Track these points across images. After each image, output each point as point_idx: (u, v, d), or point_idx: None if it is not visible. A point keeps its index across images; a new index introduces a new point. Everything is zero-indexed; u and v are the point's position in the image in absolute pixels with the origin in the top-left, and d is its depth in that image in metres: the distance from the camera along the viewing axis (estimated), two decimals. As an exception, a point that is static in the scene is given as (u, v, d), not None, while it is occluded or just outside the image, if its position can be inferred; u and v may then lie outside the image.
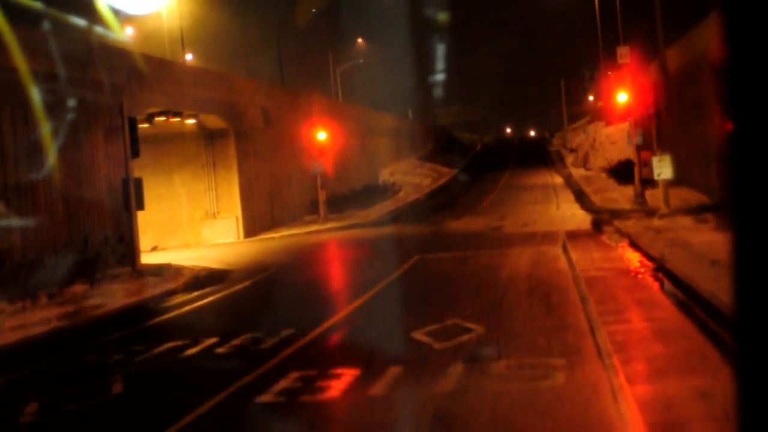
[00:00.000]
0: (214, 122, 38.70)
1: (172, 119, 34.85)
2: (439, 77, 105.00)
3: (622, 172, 44.96)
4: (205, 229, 39.62)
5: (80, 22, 33.85)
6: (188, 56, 62.84)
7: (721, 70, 2.27)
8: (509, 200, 44.78)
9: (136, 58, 30.11)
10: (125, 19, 50.18)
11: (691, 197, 33.56)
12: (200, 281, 23.08)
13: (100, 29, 31.94)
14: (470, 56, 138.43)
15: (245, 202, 39.87)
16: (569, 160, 71.90)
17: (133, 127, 25.63)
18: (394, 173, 67.96)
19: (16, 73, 21.38)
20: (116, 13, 40.29)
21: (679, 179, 32.92)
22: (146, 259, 29.45)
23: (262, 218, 41.62)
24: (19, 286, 20.34)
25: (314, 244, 32.69)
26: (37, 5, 25.86)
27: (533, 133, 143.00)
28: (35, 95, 23.99)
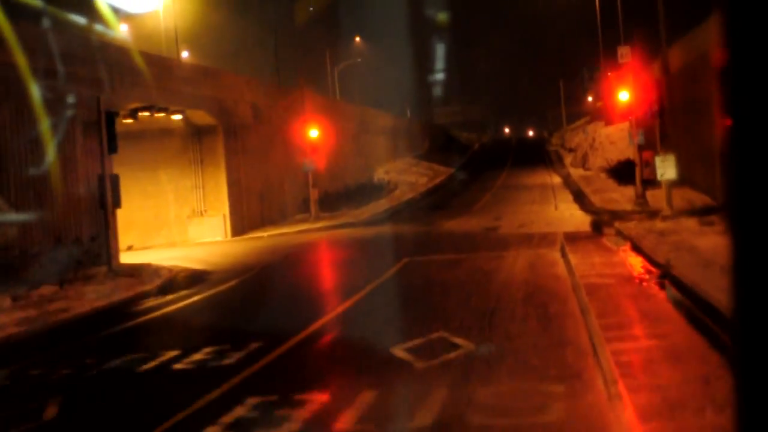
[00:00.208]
0: (201, 118, 37.44)
1: (156, 115, 33.62)
2: (438, 76, 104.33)
3: (622, 172, 44.11)
4: (191, 227, 38.38)
5: (79, 19, 32.82)
6: (184, 54, 61.59)
7: (721, 70, 2.25)
8: (506, 200, 43.61)
9: (116, 50, 28.87)
10: (124, 17, 48.97)
11: (694, 198, 32.36)
12: (178, 283, 21.87)
13: (99, 27, 30.87)
14: (469, 56, 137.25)
15: (233, 200, 38.61)
16: (568, 159, 70.95)
17: (110, 121, 24.36)
18: (389, 172, 66.96)
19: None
20: (115, 11, 39.51)
21: (680, 180, 31.74)
22: (126, 258, 28.29)
23: (251, 217, 40.36)
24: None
25: (302, 244, 31.43)
26: (36, 2, 24.82)
27: (532, 133, 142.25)
28: (8, 86, 22.76)
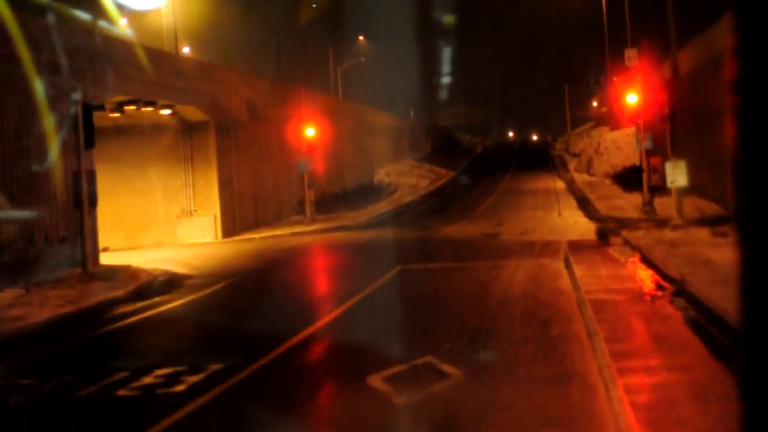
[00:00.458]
0: (193, 114, 35.95)
1: (144, 109, 32.08)
2: (442, 78, 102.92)
3: (628, 178, 43.01)
4: (180, 227, 36.87)
5: (84, 16, 31.55)
6: (185, 50, 60.25)
7: (733, 78, 2.16)
8: (508, 205, 42.16)
9: (100, 40, 27.41)
10: (129, 14, 47.55)
11: (704, 207, 30.92)
12: (153, 288, 20.41)
13: (103, 23, 29.52)
14: (474, 59, 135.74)
15: (224, 199, 37.12)
16: (572, 164, 69.67)
17: (87, 114, 22.89)
18: (390, 174, 65.71)
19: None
20: (119, 7, 38.22)
21: (689, 188, 30.31)
22: (109, 259, 26.85)
23: (243, 217, 38.89)
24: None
25: (293, 247, 29.94)
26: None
27: (536, 137, 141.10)
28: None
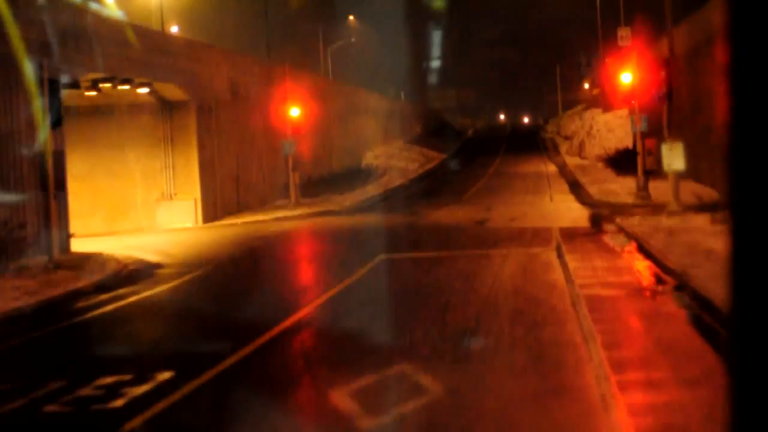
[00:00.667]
0: (172, 93, 34.55)
1: (120, 87, 30.76)
2: (433, 60, 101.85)
3: (620, 161, 42.05)
4: (160, 211, 35.53)
5: None
6: (173, 29, 58.82)
7: (726, 61, 2.03)
8: (498, 189, 41.04)
9: (71, 12, 26.05)
10: None
11: (700, 192, 29.83)
12: (121, 278, 19.18)
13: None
14: (466, 41, 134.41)
15: (205, 182, 35.79)
16: (563, 148, 68.78)
17: (54, 90, 21.59)
18: (378, 156, 64.61)
19: None
20: None
21: (685, 172, 29.22)
22: (81, 246, 25.55)
23: (226, 201, 37.61)
24: None
25: (273, 234, 28.73)
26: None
27: (527, 120, 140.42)
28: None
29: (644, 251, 18.37)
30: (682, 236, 19.56)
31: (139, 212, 35.50)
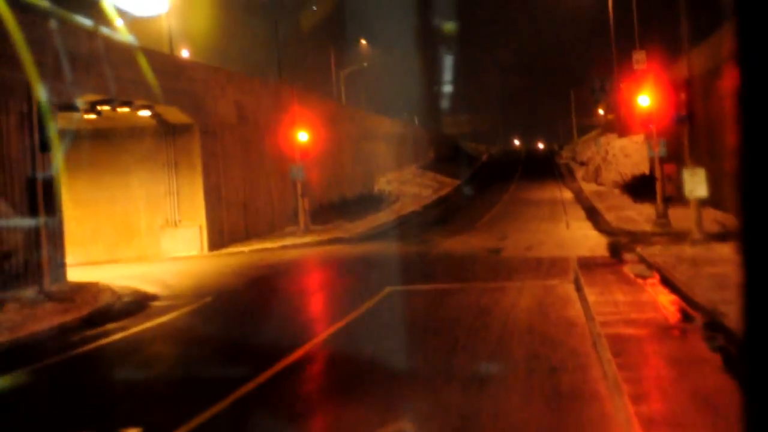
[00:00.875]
0: (175, 116, 33.57)
1: (119, 109, 29.80)
2: (447, 86, 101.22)
3: (638, 187, 41.13)
4: (164, 239, 34.46)
5: (86, 22, 29.72)
6: (184, 53, 58.17)
7: (736, 84, 2.00)
8: (513, 216, 39.88)
9: (68, 33, 25.13)
10: (130, 20, 45.48)
11: (724, 220, 28.51)
12: (112, 311, 18.13)
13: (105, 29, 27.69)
14: (480, 66, 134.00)
15: (211, 209, 34.75)
16: (579, 173, 67.76)
17: (44, 112, 20.63)
18: (391, 182, 63.70)
19: None
20: (121, 13, 36.29)
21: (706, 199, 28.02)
22: (78, 275, 24.48)
23: (233, 228, 36.53)
24: None
25: (279, 263, 27.59)
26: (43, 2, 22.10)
27: (542, 145, 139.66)
28: None
29: (668, 284, 17.18)
30: (707, 267, 18.34)
31: (142, 239, 34.51)
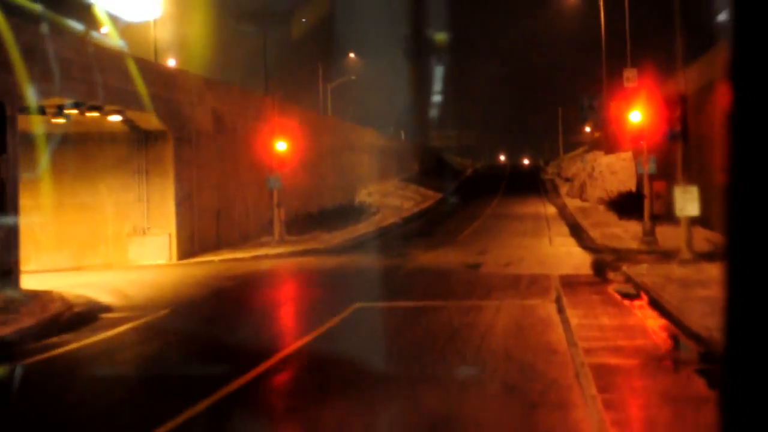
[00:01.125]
0: (149, 122, 32.27)
1: (88, 114, 28.51)
2: (434, 99, 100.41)
3: (623, 204, 40.50)
4: (132, 247, 33.15)
5: (77, 26, 28.74)
6: (170, 62, 56.92)
7: (729, 109, 2.02)
8: (495, 230, 38.78)
9: (33, 34, 23.85)
10: (121, 26, 44.34)
11: (713, 239, 27.47)
12: (59, 323, 16.80)
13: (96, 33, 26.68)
14: (467, 81, 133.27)
15: (182, 217, 33.46)
16: (564, 189, 67.04)
17: (-2, 113, 19.27)
18: (372, 194, 62.68)
19: None
20: (113, 19, 35.11)
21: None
22: (36, 283, 23.12)
23: (204, 237, 35.22)
24: None
25: (247, 273, 26.36)
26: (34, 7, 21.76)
27: (527, 161, 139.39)
28: None
29: (657, 306, 16.04)
30: (698, 290, 17.23)
31: (109, 247, 33.20)
